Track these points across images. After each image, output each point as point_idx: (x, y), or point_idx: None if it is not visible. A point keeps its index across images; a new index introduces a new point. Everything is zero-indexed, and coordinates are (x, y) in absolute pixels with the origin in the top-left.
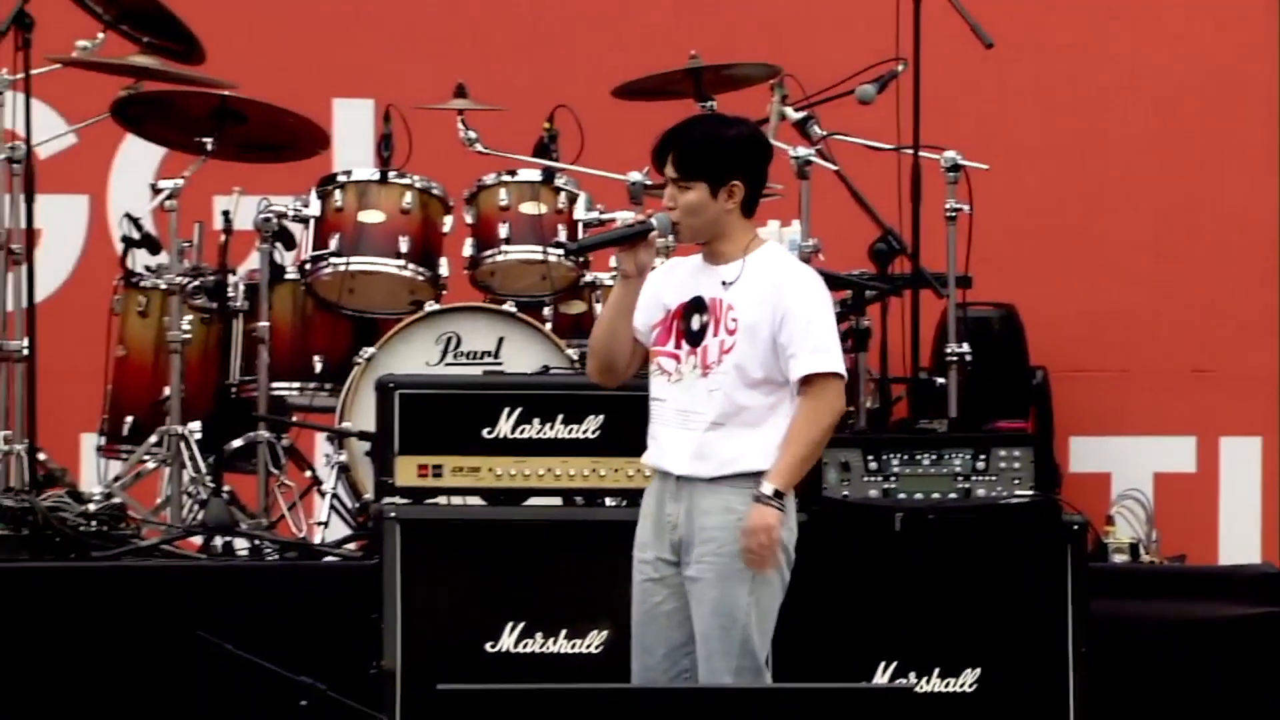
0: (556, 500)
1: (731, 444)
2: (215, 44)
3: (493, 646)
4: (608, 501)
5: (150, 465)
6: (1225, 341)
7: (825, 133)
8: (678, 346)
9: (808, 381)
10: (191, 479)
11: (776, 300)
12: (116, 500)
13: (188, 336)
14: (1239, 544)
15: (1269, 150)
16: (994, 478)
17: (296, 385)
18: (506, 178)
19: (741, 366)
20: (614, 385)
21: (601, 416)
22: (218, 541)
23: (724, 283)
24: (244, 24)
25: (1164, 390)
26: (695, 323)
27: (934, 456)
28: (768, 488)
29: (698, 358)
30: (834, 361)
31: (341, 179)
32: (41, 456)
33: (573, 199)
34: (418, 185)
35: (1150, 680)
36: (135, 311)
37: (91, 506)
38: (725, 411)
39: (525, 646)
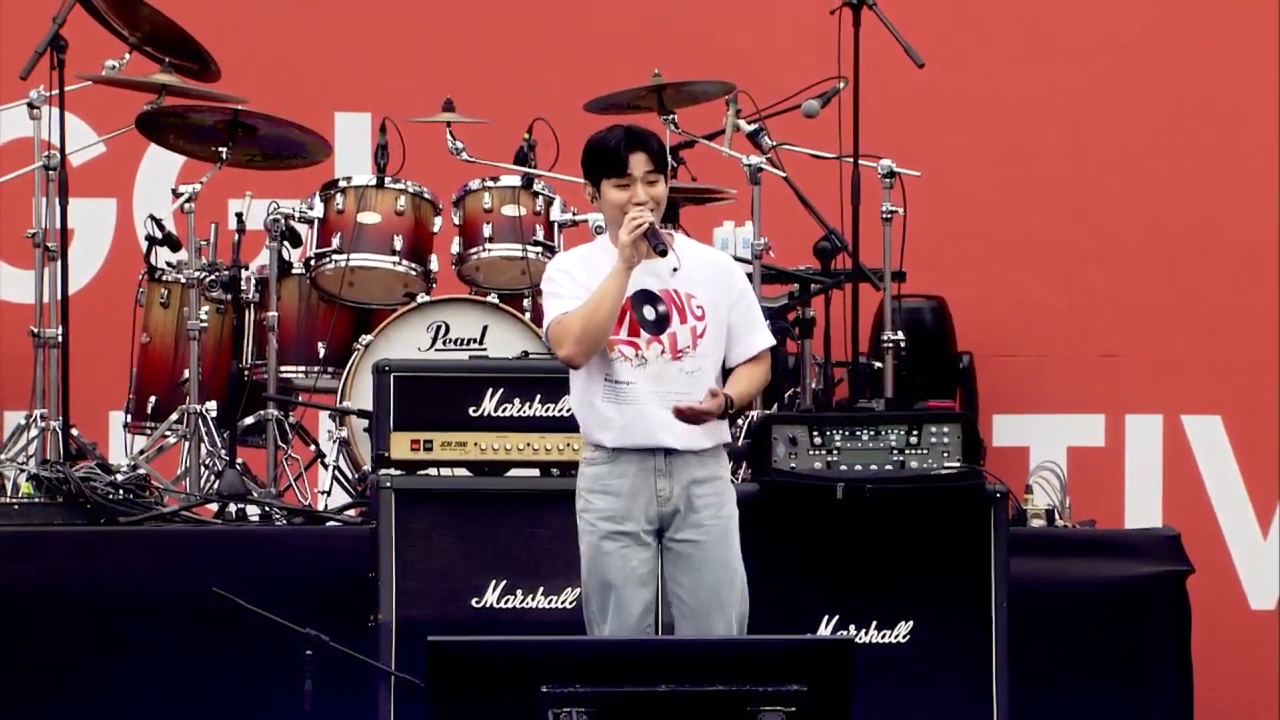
0: (535, 471)
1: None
2: (229, 63)
3: (478, 602)
4: None
5: (171, 440)
6: (1129, 329)
7: (774, 143)
8: (633, 334)
9: (761, 353)
10: (208, 452)
11: (727, 284)
12: (141, 471)
13: (204, 325)
14: (1142, 510)
15: (1166, 159)
16: (925, 451)
17: (302, 368)
18: (490, 183)
19: (714, 347)
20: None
21: None
22: (231, 508)
23: (674, 270)
24: (254, 45)
25: (1076, 373)
26: (649, 313)
27: (872, 432)
28: (730, 404)
29: (663, 344)
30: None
31: (342, 184)
32: (74, 432)
33: (549, 202)
34: (410, 190)
35: (1064, 631)
36: (157, 302)
37: (119, 477)
38: (704, 388)
39: (507, 602)
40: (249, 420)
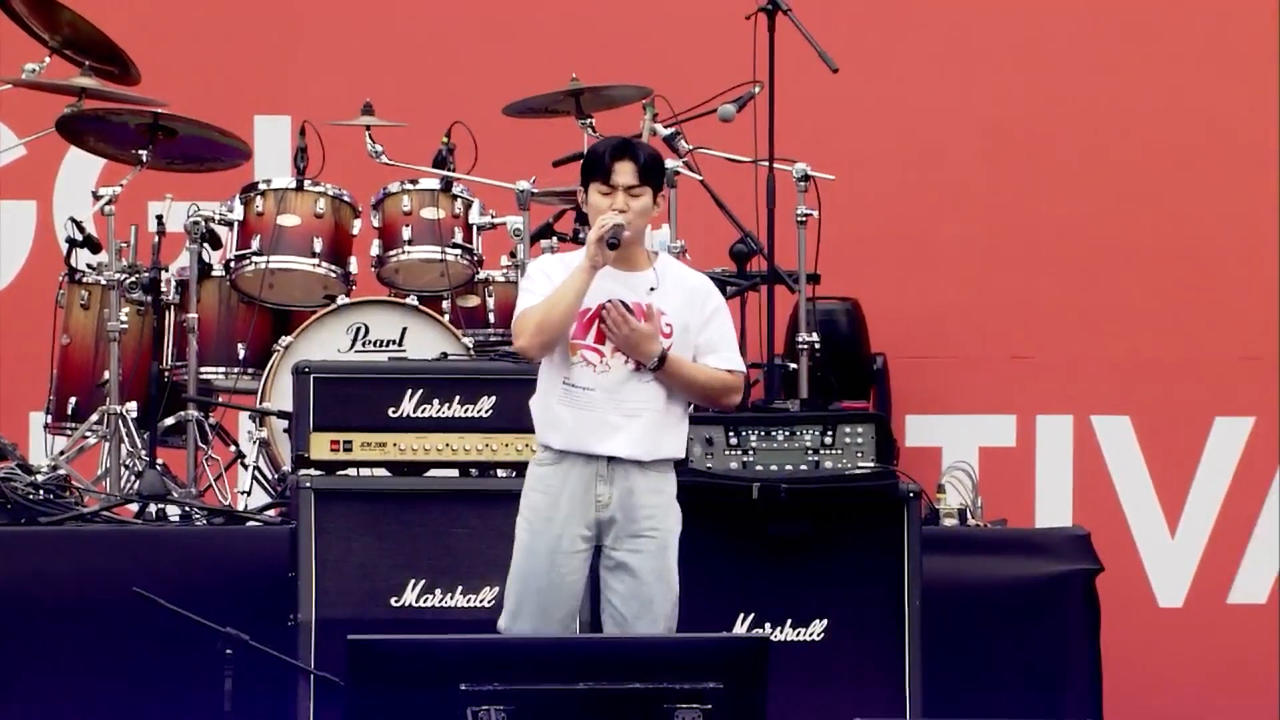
0: (454, 472)
1: (663, 431)
2: (149, 67)
3: (397, 601)
4: (499, 473)
5: (91, 441)
6: (1040, 332)
7: (691, 147)
8: (599, 342)
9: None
10: (128, 453)
11: (701, 304)
12: (61, 472)
13: (125, 326)
14: (1052, 509)
15: (1077, 165)
16: (840, 451)
17: (222, 370)
18: (409, 186)
19: None
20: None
21: (494, 397)
22: (152, 508)
23: (650, 289)
24: (174, 48)
25: (987, 374)
26: None
27: (787, 432)
28: (663, 360)
29: (627, 355)
30: (742, 363)
31: (262, 187)
32: None
33: (468, 205)
34: (330, 193)
35: (977, 629)
36: (78, 304)
37: (39, 477)
38: (662, 402)
39: (426, 601)
40: (169, 421)
